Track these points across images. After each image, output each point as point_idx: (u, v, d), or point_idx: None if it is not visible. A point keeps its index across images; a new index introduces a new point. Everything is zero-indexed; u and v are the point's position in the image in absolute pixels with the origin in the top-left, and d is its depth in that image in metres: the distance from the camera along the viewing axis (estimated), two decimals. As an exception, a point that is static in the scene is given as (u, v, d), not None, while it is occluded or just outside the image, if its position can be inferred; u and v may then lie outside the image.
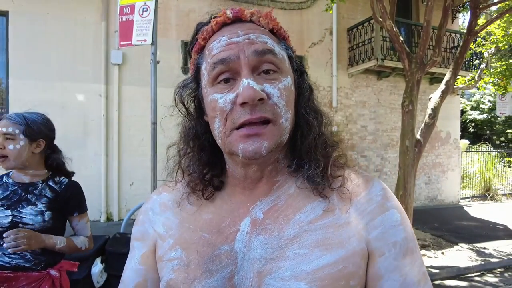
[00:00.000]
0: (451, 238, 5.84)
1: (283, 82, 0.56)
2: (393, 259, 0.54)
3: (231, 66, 0.55)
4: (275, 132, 0.55)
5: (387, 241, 0.55)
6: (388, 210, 0.57)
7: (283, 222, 0.57)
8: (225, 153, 0.61)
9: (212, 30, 0.60)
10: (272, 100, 0.55)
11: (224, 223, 0.60)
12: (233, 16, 0.59)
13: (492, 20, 5.30)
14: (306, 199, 0.59)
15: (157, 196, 0.70)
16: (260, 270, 0.54)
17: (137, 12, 3.24)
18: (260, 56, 0.55)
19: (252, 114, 0.53)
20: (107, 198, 6.22)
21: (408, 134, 4.83)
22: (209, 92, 0.57)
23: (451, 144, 9.22)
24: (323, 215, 0.57)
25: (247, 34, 0.57)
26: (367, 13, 7.25)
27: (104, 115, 6.16)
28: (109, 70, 6.23)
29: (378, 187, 0.60)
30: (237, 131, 0.54)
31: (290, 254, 0.54)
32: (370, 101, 8.20)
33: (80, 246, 1.58)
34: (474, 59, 8.45)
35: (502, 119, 16.31)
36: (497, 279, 4.48)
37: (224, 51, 0.56)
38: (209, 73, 0.57)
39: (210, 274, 0.56)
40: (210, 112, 0.58)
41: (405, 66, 4.95)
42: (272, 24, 0.61)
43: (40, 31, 5.86)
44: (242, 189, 0.62)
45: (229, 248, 0.57)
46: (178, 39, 6.66)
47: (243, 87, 0.52)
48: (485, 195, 10.22)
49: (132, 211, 3.46)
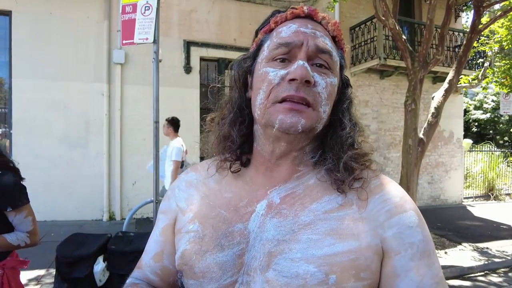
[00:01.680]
0: (454, 237, 5.81)
1: (331, 79, 0.61)
2: (409, 259, 0.54)
3: (292, 50, 0.60)
4: (314, 116, 0.59)
5: (403, 241, 0.55)
6: (406, 211, 0.58)
7: (299, 209, 0.59)
8: (260, 125, 0.63)
9: (285, 17, 0.65)
10: (317, 88, 0.59)
11: (242, 202, 0.63)
12: (308, 13, 0.64)
13: (495, 19, 5.27)
14: (324, 191, 0.61)
15: (185, 175, 0.75)
16: (271, 251, 0.56)
17: (139, 10, 3.24)
18: (319, 51, 0.60)
19: (297, 92, 0.57)
20: (109, 197, 6.23)
21: (411, 133, 4.80)
22: (263, 66, 0.62)
23: (454, 144, 9.17)
24: (339, 208, 0.58)
25: (315, 30, 0.62)
26: (369, 12, 7.22)
27: (106, 114, 6.17)
28: (111, 69, 6.24)
29: (397, 189, 0.62)
30: (280, 104, 0.58)
31: (303, 238, 0.55)
32: (372, 100, 8.17)
33: (15, 243, 1.49)
34: (478, 58, 8.40)
35: (505, 119, 16.22)
36: (501, 279, 4.45)
37: (291, 36, 0.60)
38: (271, 51, 0.61)
39: (222, 248, 0.59)
40: (258, 83, 0.62)
41: (407, 65, 4.93)
42: (336, 33, 0.66)
43: (43, 31, 5.88)
44: (265, 170, 0.65)
45: (243, 227, 0.60)
46: (180, 38, 6.67)
47: (297, 65, 0.57)
48: (489, 194, 10.17)
49: (134, 210, 3.46)
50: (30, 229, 1.54)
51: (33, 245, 1.56)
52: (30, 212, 1.56)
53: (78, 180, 6.06)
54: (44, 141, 5.89)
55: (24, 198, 1.55)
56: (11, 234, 1.50)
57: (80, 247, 2.63)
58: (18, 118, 5.81)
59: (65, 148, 6.01)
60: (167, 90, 6.06)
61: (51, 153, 5.92)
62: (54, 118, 5.96)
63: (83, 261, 2.51)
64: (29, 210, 1.56)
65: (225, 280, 0.58)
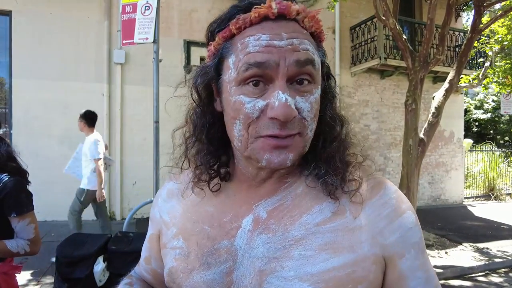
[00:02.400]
0: (455, 237, 5.80)
1: (314, 95, 0.53)
2: (415, 258, 0.54)
3: (266, 72, 0.50)
4: (301, 143, 0.53)
5: (406, 243, 0.54)
6: (404, 212, 0.56)
7: (288, 222, 0.55)
8: (241, 155, 0.57)
9: (250, 22, 0.52)
10: (301, 115, 0.52)
11: (226, 217, 0.59)
12: (278, 12, 0.52)
13: (496, 18, 5.26)
14: (314, 200, 0.56)
15: (167, 183, 0.73)
16: (262, 269, 0.53)
17: (139, 10, 3.24)
18: (301, 67, 0.51)
19: (281, 130, 0.50)
20: (110, 197, 6.22)
21: (411, 133, 4.80)
22: (234, 91, 0.52)
23: (455, 144, 9.16)
24: (332, 217, 0.54)
25: (291, 39, 0.51)
26: (369, 11, 7.21)
27: (107, 114, 6.17)
28: (111, 69, 6.24)
29: (391, 189, 0.58)
30: (264, 139, 0.51)
31: (295, 254, 0.52)
32: (373, 100, 8.16)
33: (15, 250, 1.45)
34: (478, 58, 8.38)
35: (506, 119, 16.18)
36: (502, 279, 4.44)
37: (263, 53, 0.50)
38: (240, 72, 0.51)
39: (208, 266, 0.57)
40: (232, 112, 0.53)
41: (408, 65, 4.92)
42: (315, 27, 0.56)
43: (43, 31, 5.88)
44: (248, 186, 0.60)
45: (229, 243, 0.57)
46: (181, 38, 6.66)
47: (278, 102, 0.49)
48: (489, 194, 10.15)
49: (134, 211, 3.46)
50: (31, 237, 1.51)
51: (33, 254, 1.52)
52: (34, 220, 1.54)
53: (78, 180, 6.05)
54: (44, 141, 5.89)
55: (29, 205, 1.53)
56: (11, 241, 1.48)
57: (80, 247, 2.63)
58: (18, 118, 5.81)
59: (66, 148, 6.00)
60: (167, 90, 6.02)
61: (52, 153, 5.92)
62: (54, 118, 5.96)
63: (83, 261, 2.51)
64: (33, 218, 1.54)
65: None
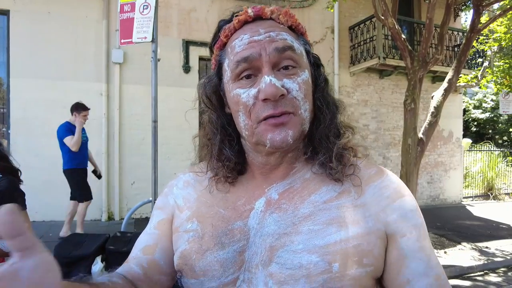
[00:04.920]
0: (454, 237, 5.80)
1: (301, 76, 0.60)
2: (416, 240, 0.56)
3: (253, 63, 0.58)
4: (297, 121, 0.59)
5: (408, 223, 0.57)
6: (405, 196, 0.60)
7: (298, 202, 0.60)
8: (251, 144, 0.63)
9: (234, 28, 0.63)
10: (291, 94, 0.58)
11: (240, 201, 0.64)
12: (254, 14, 0.62)
13: (495, 18, 5.27)
14: (321, 182, 0.62)
15: (183, 175, 0.75)
16: (273, 245, 0.57)
17: (138, 9, 3.23)
18: (281, 52, 0.58)
19: (275, 109, 0.57)
20: (108, 197, 6.21)
21: (410, 133, 4.80)
22: (232, 88, 0.61)
23: (454, 143, 9.17)
24: (338, 196, 0.59)
25: (268, 32, 0.59)
26: (368, 11, 7.21)
27: (105, 114, 6.15)
28: (110, 69, 6.22)
29: (393, 176, 0.64)
30: (264, 122, 0.58)
31: (304, 229, 0.56)
32: (372, 100, 8.16)
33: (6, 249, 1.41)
34: (477, 58, 8.39)
35: (504, 118, 16.21)
36: (501, 278, 4.44)
37: (247, 49, 0.58)
38: (232, 70, 0.60)
39: (222, 246, 0.59)
40: (234, 106, 0.61)
41: (407, 64, 4.92)
42: (291, 21, 0.64)
43: (41, 30, 5.86)
44: (261, 174, 0.65)
45: (243, 224, 0.61)
46: (180, 37, 6.65)
47: (265, 84, 0.56)
48: (488, 194, 10.16)
49: (132, 210, 3.45)
50: None
51: None
52: (26, 219, 1.50)
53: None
54: (43, 140, 5.87)
55: (22, 204, 1.50)
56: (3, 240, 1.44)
57: (78, 247, 2.62)
58: (16, 118, 5.79)
59: (64, 148, 5.99)
60: (166, 89, 6.04)
61: (50, 153, 5.89)
62: (53, 118, 5.93)
63: (81, 261, 2.50)
64: (25, 218, 1.50)
65: (227, 278, 0.58)
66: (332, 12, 6.88)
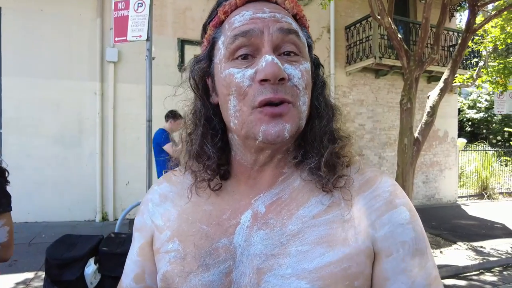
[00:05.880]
0: (449, 237, 5.82)
1: (303, 65, 0.54)
2: (401, 260, 0.50)
3: (252, 40, 0.52)
4: (296, 114, 0.53)
5: (395, 240, 0.51)
6: (397, 207, 0.53)
7: (286, 216, 0.54)
8: (239, 136, 0.56)
9: (235, 4, 0.56)
10: (292, 82, 0.52)
11: (225, 215, 0.58)
12: None
13: (490, 18, 5.28)
14: (310, 192, 0.56)
15: (158, 187, 0.68)
16: (260, 267, 0.52)
17: (132, 7, 3.18)
18: (285, 34, 0.53)
19: (274, 93, 0.50)
20: (102, 198, 6.15)
21: (406, 133, 4.79)
22: (224, 67, 0.54)
23: (449, 143, 9.21)
24: (327, 209, 0.54)
25: (273, 12, 0.54)
26: (365, 11, 7.22)
27: (99, 113, 6.09)
28: (104, 67, 6.15)
29: (386, 183, 0.56)
30: (259, 110, 0.51)
31: (292, 250, 0.51)
32: (367, 100, 8.17)
33: None
34: (472, 58, 8.43)
35: (498, 118, 16.35)
36: (496, 278, 4.46)
37: (248, 24, 0.52)
38: (227, 46, 0.53)
39: (207, 268, 0.54)
40: (224, 89, 0.54)
41: (403, 64, 4.92)
42: (296, 10, 0.59)
43: (34, 28, 5.78)
44: (247, 179, 0.59)
45: (228, 242, 0.55)
46: (175, 36, 6.60)
47: (265, 62, 0.50)
48: (482, 193, 10.23)
49: (126, 211, 3.40)
50: (3, 241, 1.37)
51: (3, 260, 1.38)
52: (9, 222, 1.41)
53: (71, 180, 5.97)
54: (36, 140, 5.80)
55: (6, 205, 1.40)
56: None
57: (71, 248, 2.56)
58: (8, 117, 5.71)
59: (58, 148, 5.92)
60: (161, 88, 5.98)
61: (43, 153, 5.83)
62: (46, 117, 5.86)
63: (74, 263, 2.44)
64: (8, 220, 1.40)
65: None
66: (328, 11, 6.87)
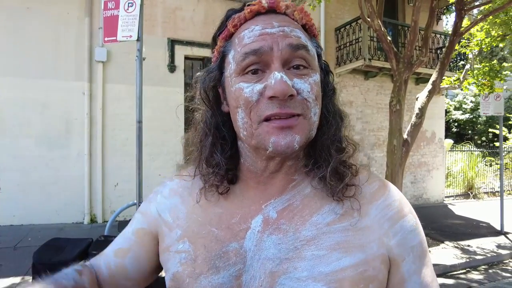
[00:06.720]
0: (437, 236, 5.92)
1: (313, 78, 0.55)
2: (412, 262, 0.55)
3: (262, 57, 0.53)
4: (306, 125, 0.54)
5: (406, 246, 0.55)
6: (406, 215, 0.58)
7: (299, 222, 0.56)
8: (250, 146, 0.58)
9: (244, 18, 0.57)
10: (301, 96, 0.53)
11: (234, 219, 0.59)
12: (269, 6, 0.57)
13: (476, 22, 5.40)
14: (323, 200, 0.57)
15: (170, 182, 0.70)
16: (274, 270, 0.53)
17: (122, 7, 3.13)
18: (294, 50, 0.54)
19: (281, 108, 0.52)
20: (91, 199, 6.05)
21: (395, 134, 4.86)
22: (234, 81, 0.55)
23: (436, 144, 9.37)
24: (341, 218, 0.56)
25: (282, 27, 0.55)
26: (354, 13, 7.28)
27: (88, 113, 5.99)
28: (93, 67, 6.06)
29: (395, 191, 0.61)
30: (267, 123, 0.52)
31: (307, 255, 0.53)
32: (357, 101, 8.25)
33: None
34: (459, 61, 8.60)
35: (483, 119, 16.69)
36: (482, 276, 4.55)
37: (257, 42, 0.53)
38: (238, 63, 0.55)
39: (217, 270, 0.55)
40: (233, 102, 0.56)
41: (392, 66, 4.98)
42: (305, 20, 0.60)
43: (20, 27, 5.65)
44: (256, 184, 0.60)
45: (238, 246, 0.56)
46: (164, 36, 6.55)
47: (274, 80, 0.51)
48: (468, 193, 10.44)
49: (116, 213, 3.35)
50: None
51: None
52: None
53: (58, 182, 5.86)
54: (22, 141, 5.67)
55: None
56: None
57: (60, 252, 2.51)
58: (-7, 117, 5.57)
59: (45, 149, 5.80)
60: (151, 89, 5.94)
61: (30, 154, 5.70)
62: (32, 118, 5.74)
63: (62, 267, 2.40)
64: None
65: None
66: (318, 13, 6.91)
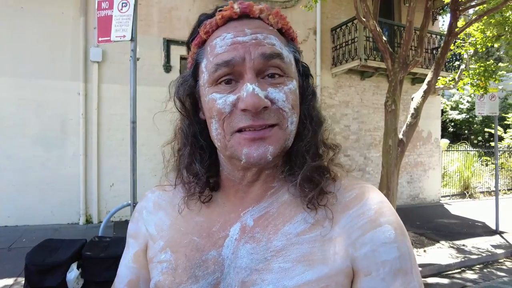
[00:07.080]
0: (433, 235, 5.95)
1: (288, 86, 0.54)
2: (381, 279, 0.49)
3: (235, 69, 0.52)
4: (281, 136, 0.53)
5: (375, 259, 0.50)
6: (381, 225, 0.52)
7: (272, 232, 0.55)
8: (225, 156, 0.58)
9: (216, 24, 0.56)
10: (276, 105, 0.52)
11: (215, 227, 0.59)
12: (241, 11, 0.55)
13: (471, 22, 5.42)
14: (297, 208, 0.56)
15: (152, 195, 0.69)
16: (245, 280, 0.53)
17: (116, 7, 3.12)
18: (267, 60, 0.52)
19: (254, 120, 0.50)
20: (86, 200, 6.02)
21: (391, 134, 4.87)
22: (207, 91, 0.54)
23: (432, 144, 9.41)
24: (311, 227, 0.54)
25: (255, 34, 0.53)
26: (350, 13, 7.30)
27: (83, 114, 5.96)
28: (88, 67, 6.03)
29: (373, 200, 0.54)
30: (240, 134, 0.52)
31: (275, 267, 0.52)
32: (353, 101, 8.27)
33: None
34: (454, 61, 8.63)
35: (479, 119, 16.78)
36: (477, 275, 4.57)
37: (229, 52, 0.52)
38: (211, 73, 0.53)
39: (196, 279, 0.55)
40: (207, 112, 0.55)
41: (388, 66, 4.99)
42: (281, 23, 0.57)
43: (14, 26, 5.62)
44: (236, 192, 0.60)
45: (217, 254, 0.56)
46: (160, 36, 6.53)
47: (246, 92, 0.49)
48: (464, 193, 10.49)
49: (111, 214, 3.34)
50: None
51: None
52: None
53: (54, 182, 5.83)
54: (17, 141, 5.64)
55: None
56: None
57: (53, 253, 2.50)
58: (-13, 117, 5.54)
59: (40, 149, 5.77)
60: (146, 89, 5.91)
61: (25, 154, 5.67)
62: (27, 118, 5.71)
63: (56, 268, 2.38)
64: None
65: None
66: (314, 13, 6.92)
